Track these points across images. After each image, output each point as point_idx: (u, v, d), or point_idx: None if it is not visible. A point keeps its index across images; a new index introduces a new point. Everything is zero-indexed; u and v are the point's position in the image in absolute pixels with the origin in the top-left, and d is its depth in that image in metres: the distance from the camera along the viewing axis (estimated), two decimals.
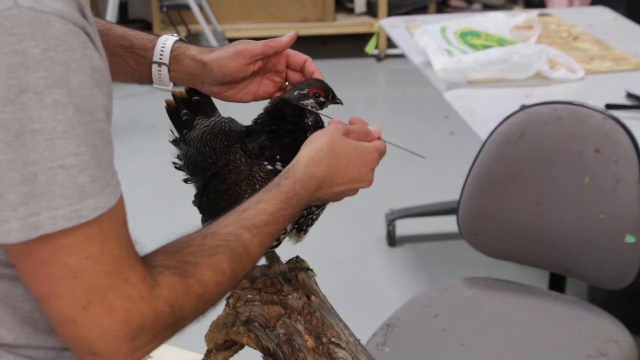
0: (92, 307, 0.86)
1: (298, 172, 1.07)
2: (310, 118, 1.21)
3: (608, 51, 2.81)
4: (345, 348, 1.20)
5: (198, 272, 0.94)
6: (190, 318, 0.96)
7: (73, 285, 0.86)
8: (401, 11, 5.45)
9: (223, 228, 1.00)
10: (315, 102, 1.21)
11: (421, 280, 3.14)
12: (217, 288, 0.97)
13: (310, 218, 1.24)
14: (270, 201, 1.04)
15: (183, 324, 0.96)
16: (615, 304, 2.82)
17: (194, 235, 0.99)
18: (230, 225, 1.01)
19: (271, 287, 1.24)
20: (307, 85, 1.22)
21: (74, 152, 0.84)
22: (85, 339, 0.87)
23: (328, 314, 1.24)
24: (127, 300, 0.88)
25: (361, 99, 5.04)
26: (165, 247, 0.98)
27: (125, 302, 0.88)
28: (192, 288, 0.94)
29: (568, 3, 4.72)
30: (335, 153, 1.09)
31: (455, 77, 2.54)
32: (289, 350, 1.18)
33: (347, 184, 1.11)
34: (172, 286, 0.92)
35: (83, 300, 0.86)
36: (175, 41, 1.25)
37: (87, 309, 0.86)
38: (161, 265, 0.93)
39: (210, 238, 0.98)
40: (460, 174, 2.24)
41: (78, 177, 0.84)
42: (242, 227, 1.01)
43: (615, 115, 1.97)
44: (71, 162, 0.84)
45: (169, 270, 0.93)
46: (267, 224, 1.03)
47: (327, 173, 1.08)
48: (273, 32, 5.53)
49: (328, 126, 1.13)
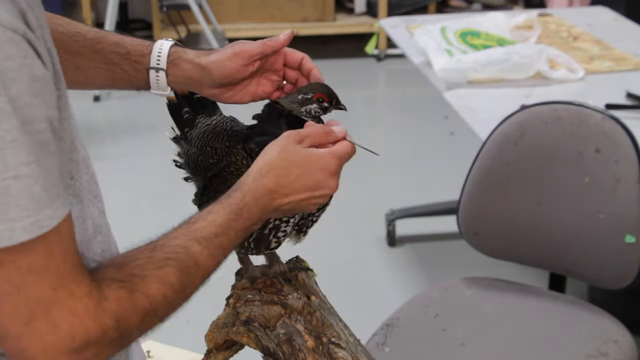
0: (35, 322, 0.84)
1: (246, 184, 1.05)
2: (313, 122, 1.21)
3: (608, 51, 2.81)
4: (345, 348, 1.20)
5: (145, 286, 0.92)
6: (137, 332, 0.94)
7: (16, 300, 0.84)
8: (401, 11, 5.45)
9: (172, 240, 0.98)
10: (319, 107, 1.21)
11: (421, 280, 3.14)
12: (165, 301, 0.94)
13: (310, 220, 1.24)
14: (220, 212, 1.02)
15: (129, 338, 0.93)
16: (615, 304, 2.82)
17: (143, 247, 0.97)
18: (179, 238, 0.98)
19: (271, 287, 1.24)
20: (312, 89, 1.21)
21: (25, 161, 0.82)
22: (28, 354, 0.85)
23: (328, 314, 1.24)
24: (72, 314, 0.86)
25: (361, 99, 5.04)
26: (114, 259, 0.96)
27: (69, 316, 0.86)
28: (138, 302, 0.91)
29: (568, 3, 4.72)
30: (285, 163, 1.07)
31: (455, 77, 2.54)
32: (289, 350, 1.18)
33: (305, 192, 1.07)
34: (119, 300, 0.89)
35: (26, 315, 0.84)
36: (171, 45, 1.24)
37: (31, 324, 0.84)
38: (108, 278, 0.91)
39: (159, 251, 0.96)
40: (460, 174, 2.24)
41: (33, 187, 0.82)
42: (192, 239, 0.98)
43: (615, 115, 1.97)
44: (24, 172, 0.81)
45: (116, 283, 0.90)
46: (216, 235, 1.00)
47: (276, 183, 1.06)
48: (273, 32, 5.50)
49: (282, 135, 1.10)
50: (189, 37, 5.18)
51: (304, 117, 1.20)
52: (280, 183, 1.06)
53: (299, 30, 5.48)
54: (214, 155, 1.24)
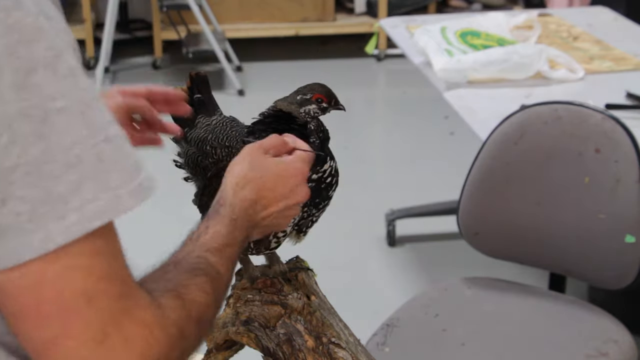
0: (109, 340, 0.73)
1: (229, 198, 1.02)
2: (312, 123, 1.21)
3: (608, 51, 2.81)
4: (345, 348, 1.20)
5: (192, 294, 0.86)
6: (195, 342, 0.86)
7: (87, 315, 0.72)
8: (401, 11, 5.45)
9: (189, 254, 0.93)
10: (318, 107, 1.21)
11: (421, 280, 3.14)
12: (208, 310, 0.89)
13: (310, 219, 1.24)
14: (218, 226, 0.99)
15: (188, 350, 0.85)
16: (615, 304, 2.82)
17: (165, 264, 0.91)
18: (195, 251, 0.94)
19: (271, 287, 1.24)
20: (310, 90, 1.21)
21: (108, 119, 0.73)
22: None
23: (328, 314, 1.25)
24: (143, 326, 0.75)
25: (361, 99, 5.04)
26: (145, 276, 0.87)
27: (141, 328, 0.75)
28: (192, 310, 0.84)
29: (568, 3, 4.72)
30: (259, 173, 1.05)
31: (455, 77, 2.54)
32: (289, 350, 1.18)
33: (281, 201, 1.06)
34: (175, 309, 0.81)
35: (100, 332, 0.72)
36: None
37: (105, 342, 0.73)
38: (155, 288, 0.82)
39: (184, 263, 0.91)
40: (460, 174, 2.24)
41: (125, 145, 0.74)
42: (206, 251, 0.94)
43: (615, 115, 1.97)
44: (112, 132, 0.73)
45: (168, 293, 0.82)
46: (226, 245, 0.98)
47: (257, 195, 1.04)
48: (273, 32, 5.53)
49: (244, 149, 1.09)
50: (189, 37, 5.17)
51: (303, 118, 1.20)
52: (260, 194, 1.05)
53: (299, 30, 5.48)
54: (214, 155, 1.24)
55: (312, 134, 1.20)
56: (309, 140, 1.19)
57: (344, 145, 4.16)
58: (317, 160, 1.19)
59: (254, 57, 5.52)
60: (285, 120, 1.20)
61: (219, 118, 1.29)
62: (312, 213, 1.23)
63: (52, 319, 0.71)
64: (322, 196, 1.22)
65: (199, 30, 5.10)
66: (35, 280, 0.71)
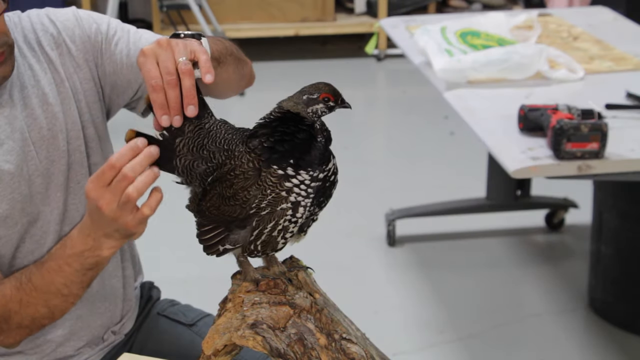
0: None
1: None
2: (318, 122, 1.21)
3: (608, 51, 2.81)
4: (357, 343, 1.20)
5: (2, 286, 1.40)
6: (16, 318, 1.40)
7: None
8: (401, 11, 5.45)
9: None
10: (325, 106, 1.21)
11: (421, 280, 3.14)
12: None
13: (311, 219, 1.24)
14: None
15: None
16: (614, 307, 2.83)
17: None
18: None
19: (275, 288, 1.24)
20: (317, 89, 1.21)
21: None
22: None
23: (334, 310, 1.25)
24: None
25: (361, 99, 5.04)
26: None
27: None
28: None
29: (568, 3, 4.72)
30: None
31: (455, 77, 2.54)
32: (301, 350, 1.18)
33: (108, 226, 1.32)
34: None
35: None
36: None
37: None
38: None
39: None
40: (460, 173, 2.24)
41: None
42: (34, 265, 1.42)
43: None
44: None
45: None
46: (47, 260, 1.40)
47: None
48: (273, 32, 5.53)
49: None
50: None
51: (311, 118, 1.20)
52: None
53: (299, 30, 5.48)
54: (213, 159, 1.23)
55: (319, 134, 1.20)
56: (317, 139, 1.19)
57: (344, 145, 4.16)
58: (322, 159, 1.19)
59: (254, 57, 5.51)
60: (293, 121, 1.20)
61: (211, 121, 1.27)
62: (314, 212, 1.23)
63: None
64: (326, 194, 1.22)
65: (199, 30, 5.10)
66: None
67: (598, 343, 2.75)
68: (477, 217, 3.44)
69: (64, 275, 1.37)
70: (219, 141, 1.24)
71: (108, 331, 1.59)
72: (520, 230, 3.47)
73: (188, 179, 1.27)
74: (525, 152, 2.11)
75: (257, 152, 1.19)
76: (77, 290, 1.39)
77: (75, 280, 1.37)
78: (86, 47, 1.50)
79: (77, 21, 1.51)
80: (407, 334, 2.83)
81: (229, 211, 1.21)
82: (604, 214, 2.78)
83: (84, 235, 1.34)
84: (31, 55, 1.46)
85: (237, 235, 1.22)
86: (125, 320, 1.62)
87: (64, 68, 1.48)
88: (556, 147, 2.04)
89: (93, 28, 1.51)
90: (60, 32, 1.49)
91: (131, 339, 1.65)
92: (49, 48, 1.47)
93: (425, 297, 3.03)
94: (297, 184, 1.18)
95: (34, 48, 1.47)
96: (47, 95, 1.45)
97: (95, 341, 1.57)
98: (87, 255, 1.35)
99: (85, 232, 1.34)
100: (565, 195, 3.42)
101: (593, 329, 2.82)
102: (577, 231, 3.43)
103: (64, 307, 1.41)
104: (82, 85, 1.50)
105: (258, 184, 1.18)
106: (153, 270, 1.90)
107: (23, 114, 1.42)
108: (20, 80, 1.43)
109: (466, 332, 2.84)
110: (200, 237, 1.26)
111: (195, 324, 1.66)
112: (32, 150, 1.43)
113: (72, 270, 1.36)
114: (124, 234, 1.31)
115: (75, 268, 1.36)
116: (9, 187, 1.40)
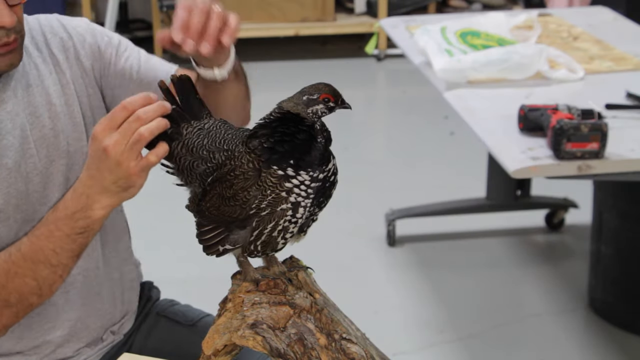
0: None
1: None
2: (318, 122, 1.21)
3: (608, 51, 2.81)
4: (357, 343, 1.20)
5: None
6: None
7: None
8: (401, 11, 5.45)
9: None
10: (325, 107, 1.20)
11: (421, 280, 3.14)
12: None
13: (311, 219, 1.24)
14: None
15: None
16: (615, 306, 2.83)
17: None
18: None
19: (275, 288, 1.24)
20: (317, 90, 1.21)
21: None
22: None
23: (334, 310, 1.25)
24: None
25: (361, 99, 5.04)
26: None
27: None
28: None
29: (568, 3, 4.72)
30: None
31: (455, 77, 2.54)
32: (301, 350, 1.18)
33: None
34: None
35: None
36: None
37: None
38: None
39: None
40: (460, 173, 2.24)
41: None
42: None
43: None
44: None
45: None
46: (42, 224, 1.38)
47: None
48: (273, 32, 5.53)
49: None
50: None
51: (311, 119, 1.20)
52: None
53: (299, 30, 5.48)
54: (212, 160, 1.23)
55: (319, 134, 1.20)
56: (317, 140, 1.19)
57: (344, 145, 4.16)
58: (322, 159, 1.19)
59: (254, 57, 5.52)
60: (293, 121, 1.20)
61: (210, 122, 1.27)
62: (314, 212, 1.23)
63: None
64: (325, 195, 1.22)
65: None
66: None
67: (598, 343, 2.75)
68: (477, 217, 3.44)
69: (54, 241, 1.34)
70: (218, 141, 1.24)
71: (107, 331, 1.58)
72: (520, 230, 3.48)
73: (188, 179, 1.27)
74: (525, 152, 2.11)
75: (257, 153, 1.19)
76: (66, 260, 1.36)
77: (65, 246, 1.35)
78: (95, 56, 1.53)
79: (90, 30, 1.54)
80: (407, 334, 2.83)
81: (228, 211, 1.21)
82: (604, 214, 2.78)
83: (77, 194, 1.32)
84: (37, 55, 1.48)
85: (237, 235, 1.22)
86: (125, 321, 1.62)
87: (71, 71, 1.49)
88: (556, 147, 2.04)
89: (105, 40, 1.54)
90: (71, 37, 1.51)
91: (130, 338, 1.65)
92: (57, 50, 1.50)
93: (425, 297, 3.03)
94: (297, 184, 1.18)
95: (41, 49, 1.49)
96: (51, 96, 1.46)
97: (95, 342, 1.57)
98: (78, 217, 1.32)
99: (79, 190, 1.32)
100: (565, 195, 3.42)
101: (593, 329, 2.82)
102: (577, 231, 3.43)
103: (52, 280, 1.37)
104: (88, 90, 1.51)
105: (258, 184, 1.18)
106: (153, 270, 1.90)
107: (26, 112, 1.43)
108: (25, 78, 1.45)
109: (466, 332, 2.84)
110: (200, 237, 1.26)
111: (196, 324, 1.66)
112: (31, 147, 1.43)
113: (62, 235, 1.34)
114: (122, 186, 1.28)
115: (65, 232, 1.34)
116: (5, 181, 1.40)
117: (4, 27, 1.34)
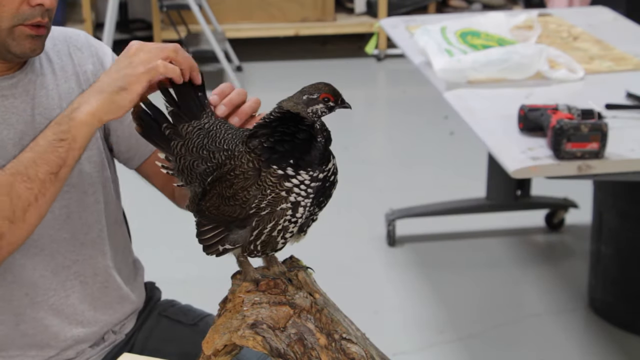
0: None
1: None
2: (318, 122, 1.21)
3: (608, 51, 2.81)
4: (357, 343, 1.20)
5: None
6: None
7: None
8: (401, 11, 5.45)
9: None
10: (325, 106, 1.20)
11: (421, 280, 3.14)
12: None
13: (311, 219, 1.24)
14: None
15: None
16: (615, 306, 2.83)
17: None
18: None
19: (275, 288, 1.24)
20: (317, 90, 1.21)
21: None
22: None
23: (334, 310, 1.25)
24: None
25: (361, 99, 5.04)
26: None
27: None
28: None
29: (568, 3, 4.72)
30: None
31: (455, 77, 2.54)
32: (301, 350, 1.18)
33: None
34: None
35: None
36: None
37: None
38: None
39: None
40: (460, 173, 2.24)
41: None
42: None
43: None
44: None
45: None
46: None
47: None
48: (273, 32, 5.53)
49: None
50: (189, 37, 5.17)
51: (311, 118, 1.20)
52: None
53: (299, 30, 5.48)
54: (212, 159, 1.23)
55: (319, 134, 1.20)
56: (317, 139, 1.19)
57: (344, 145, 4.16)
58: (322, 159, 1.19)
59: (254, 57, 5.52)
60: (293, 121, 1.20)
61: (211, 121, 1.27)
62: (314, 212, 1.23)
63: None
64: (325, 195, 1.22)
65: (199, 30, 5.10)
66: None
67: (598, 343, 2.75)
68: (477, 217, 3.44)
69: (36, 150, 1.31)
70: (218, 141, 1.24)
71: (109, 331, 1.59)
72: (520, 230, 3.48)
73: (188, 179, 1.27)
74: (525, 152, 2.11)
75: (257, 152, 1.19)
76: (42, 175, 1.30)
77: (44, 156, 1.30)
78: None
79: (112, 58, 1.57)
80: (407, 334, 2.83)
81: (228, 211, 1.21)
82: (604, 214, 2.78)
83: (71, 104, 1.33)
84: (57, 61, 1.51)
85: (236, 235, 1.22)
86: (126, 321, 1.62)
87: (87, 85, 1.49)
88: (556, 147, 2.04)
89: None
90: (97, 51, 1.56)
91: (132, 338, 1.65)
92: (77, 61, 1.53)
93: (425, 297, 3.03)
94: (297, 184, 1.18)
95: (62, 57, 1.51)
96: (63, 101, 1.47)
97: (96, 342, 1.57)
98: (62, 120, 1.31)
99: (75, 100, 1.33)
100: (565, 195, 3.42)
101: (593, 329, 2.82)
102: (577, 231, 3.43)
103: (25, 199, 1.30)
104: None
105: (258, 184, 1.18)
106: (153, 270, 1.90)
107: (35, 111, 1.45)
108: (41, 80, 1.47)
109: (466, 332, 2.84)
110: (200, 237, 1.26)
111: (197, 324, 1.66)
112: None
113: (45, 143, 1.31)
114: (118, 85, 1.28)
115: (48, 139, 1.31)
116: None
117: (43, 5, 1.36)
